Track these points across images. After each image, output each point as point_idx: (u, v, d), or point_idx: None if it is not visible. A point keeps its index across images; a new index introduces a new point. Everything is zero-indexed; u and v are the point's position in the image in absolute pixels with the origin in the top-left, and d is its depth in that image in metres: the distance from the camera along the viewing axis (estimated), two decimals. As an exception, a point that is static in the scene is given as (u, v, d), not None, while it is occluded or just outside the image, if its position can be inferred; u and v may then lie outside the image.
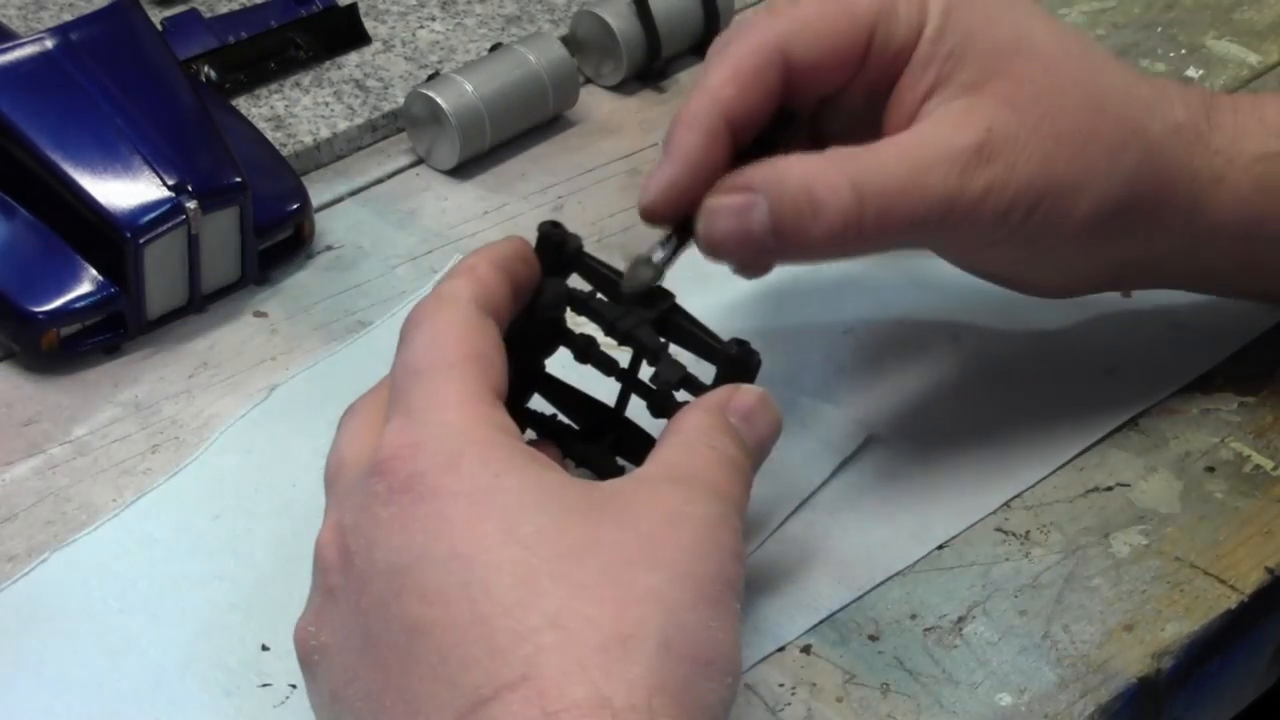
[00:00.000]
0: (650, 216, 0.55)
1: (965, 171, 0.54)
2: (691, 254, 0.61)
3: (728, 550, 0.46)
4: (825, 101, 0.58)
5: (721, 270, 0.69)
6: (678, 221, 0.55)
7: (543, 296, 0.54)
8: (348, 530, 0.46)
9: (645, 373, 0.54)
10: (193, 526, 0.57)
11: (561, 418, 0.57)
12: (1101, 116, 0.56)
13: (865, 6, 0.56)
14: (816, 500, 0.59)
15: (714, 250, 0.55)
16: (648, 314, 0.54)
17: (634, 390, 0.55)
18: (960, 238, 0.57)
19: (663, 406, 0.54)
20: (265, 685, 0.52)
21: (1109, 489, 0.60)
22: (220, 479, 0.59)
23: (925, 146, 0.55)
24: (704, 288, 0.67)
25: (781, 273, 0.68)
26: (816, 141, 0.57)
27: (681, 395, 0.53)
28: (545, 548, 0.43)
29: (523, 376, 0.54)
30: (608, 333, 0.54)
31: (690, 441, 0.49)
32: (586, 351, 0.55)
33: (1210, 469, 0.61)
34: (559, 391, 0.57)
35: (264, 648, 0.53)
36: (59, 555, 0.56)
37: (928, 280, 0.68)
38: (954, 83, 0.55)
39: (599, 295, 0.55)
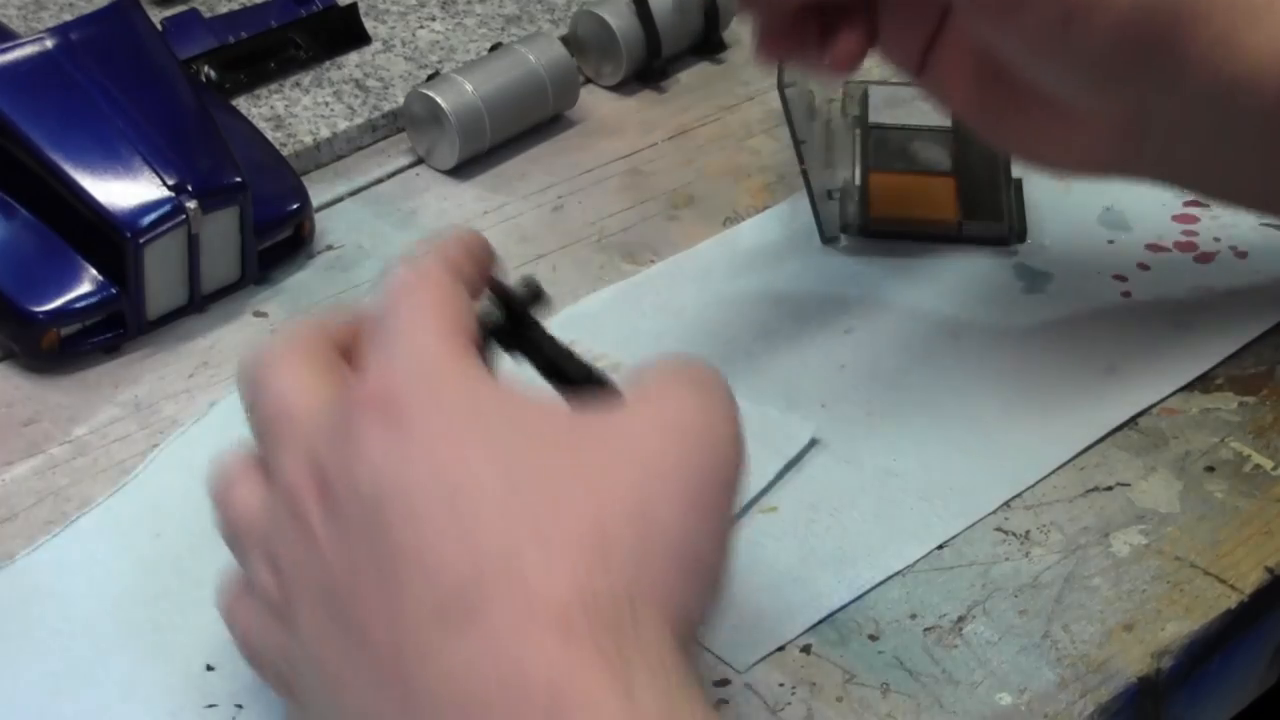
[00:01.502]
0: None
1: None
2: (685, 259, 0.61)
3: (720, 454, 0.46)
4: None
5: (721, 270, 0.69)
6: None
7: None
8: (323, 461, 0.45)
9: None
10: (133, 545, 0.56)
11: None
12: None
13: None
14: (817, 500, 0.59)
15: None
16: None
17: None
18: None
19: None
20: (210, 706, 0.51)
21: (1109, 489, 0.60)
22: (160, 497, 0.58)
23: None
24: (704, 284, 0.68)
25: (782, 273, 0.69)
26: None
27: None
28: (529, 460, 0.44)
29: None
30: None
31: (658, 369, 0.48)
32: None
33: (1210, 469, 0.61)
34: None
35: (208, 668, 0.52)
36: None
37: (928, 280, 0.68)
38: None
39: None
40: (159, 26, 0.74)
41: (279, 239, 0.68)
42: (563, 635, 0.41)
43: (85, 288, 0.63)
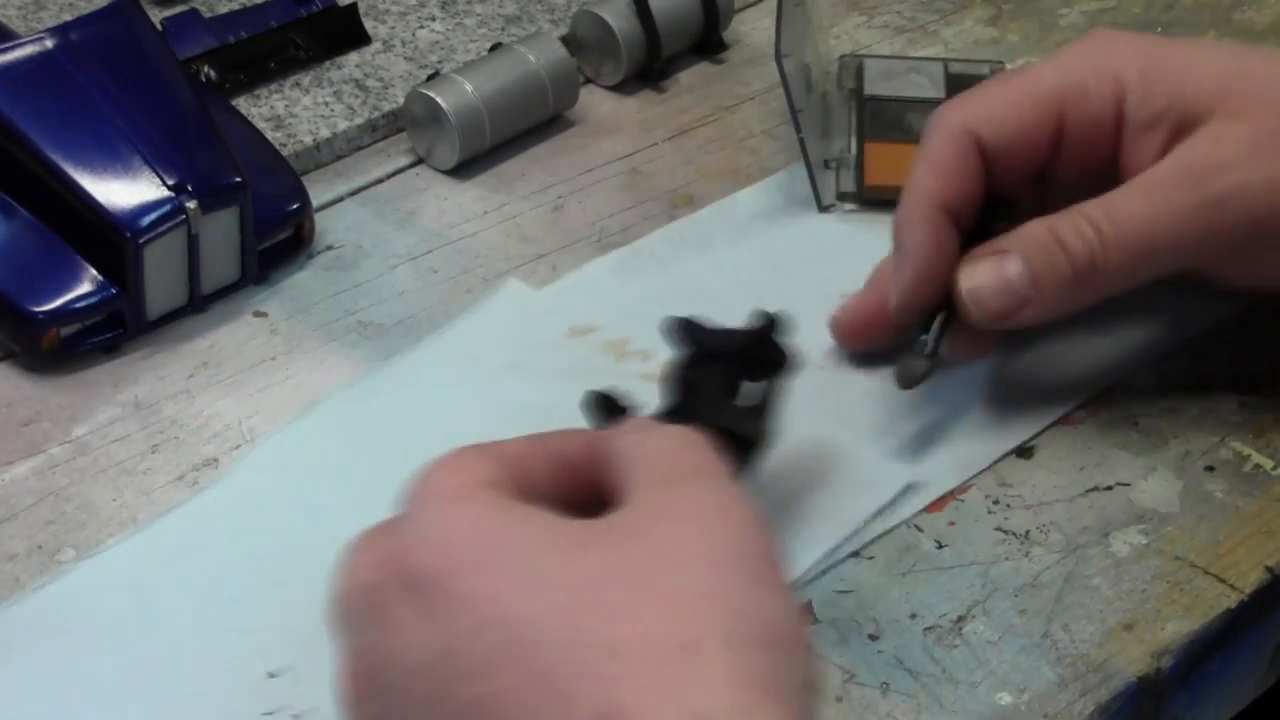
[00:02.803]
0: (903, 314, 0.60)
1: (1201, 181, 0.57)
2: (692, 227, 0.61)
3: (748, 522, 0.44)
4: (1037, 183, 0.62)
5: (720, 237, 0.69)
6: (928, 313, 0.60)
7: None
8: (367, 653, 0.44)
9: None
10: (215, 544, 0.57)
11: None
12: None
13: (1050, 88, 0.61)
14: (812, 459, 0.59)
15: (976, 302, 0.59)
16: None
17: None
18: (1215, 252, 0.59)
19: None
20: (268, 714, 0.51)
21: (1109, 488, 0.60)
22: (249, 497, 0.58)
23: (1158, 172, 0.58)
24: (704, 251, 0.69)
25: (780, 240, 0.70)
26: None
27: None
28: (570, 583, 0.42)
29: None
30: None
31: (640, 451, 0.47)
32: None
33: (1210, 468, 0.61)
34: None
35: (270, 675, 0.52)
36: (82, 566, 0.56)
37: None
38: (1184, 127, 0.58)
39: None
40: (159, 26, 0.74)
41: (279, 239, 0.68)
42: None
43: (85, 288, 0.63)
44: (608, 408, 0.52)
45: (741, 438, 0.52)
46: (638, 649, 0.40)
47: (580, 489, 0.47)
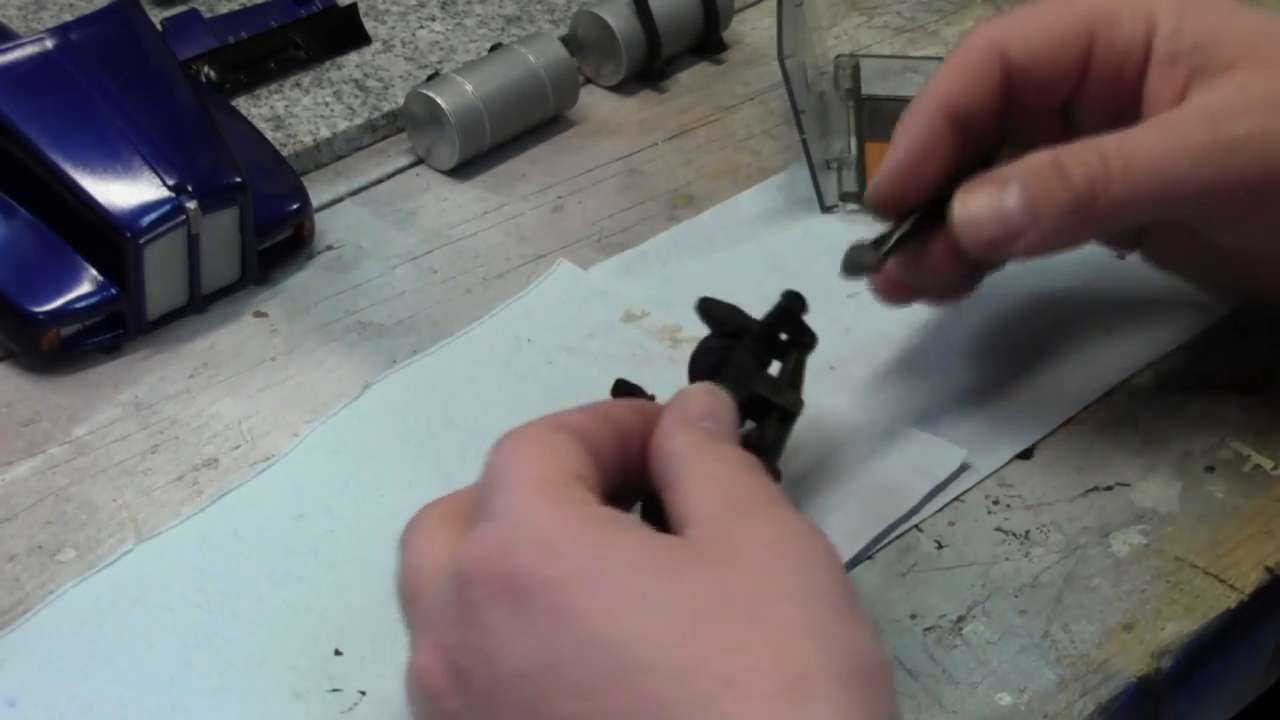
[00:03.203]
0: (875, 203, 0.59)
1: (1219, 122, 0.55)
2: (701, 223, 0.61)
3: (827, 553, 0.44)
4: (1062, 123, 0.60)
5: (725, 238, 0.68)
6: (901, 212, 0.58)
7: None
8: (453, 649, 0.43)
9: None
10: (275, 525, 0.57)
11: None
12: None
13: (1083, 11, 0.59)
14: (824, 461, 0.59)
15: (968, 227, 0.56)
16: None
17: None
18: (1220, 200, 0.56)
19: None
20: (335, 690, 0.52)
21: (1109, 489, 0.60)
22: (306, 478, 0.59)
23: (1175, 111, 0.57)
24: (708, 253, 0.70)
25: (784, 240, 0.70)
26: None
27: None
28: (680, 607, 0.41)
29: None
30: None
31: (714, 465, 0.47)
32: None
33: (1210, 469, 0.61)
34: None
35: (336, 652, 0.53)
36: (143, 547, 0.56)
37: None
38: (1206, 70, 0.57)
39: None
40: (159, 26, 0.74)
41: (279, 239, 0.68)
42: None
43: (85, 288, 0.63)
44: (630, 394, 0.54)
45: (778, 406, 0.54)
46: (752, 682, 0.40)
47: (634, 459, 0.48)
